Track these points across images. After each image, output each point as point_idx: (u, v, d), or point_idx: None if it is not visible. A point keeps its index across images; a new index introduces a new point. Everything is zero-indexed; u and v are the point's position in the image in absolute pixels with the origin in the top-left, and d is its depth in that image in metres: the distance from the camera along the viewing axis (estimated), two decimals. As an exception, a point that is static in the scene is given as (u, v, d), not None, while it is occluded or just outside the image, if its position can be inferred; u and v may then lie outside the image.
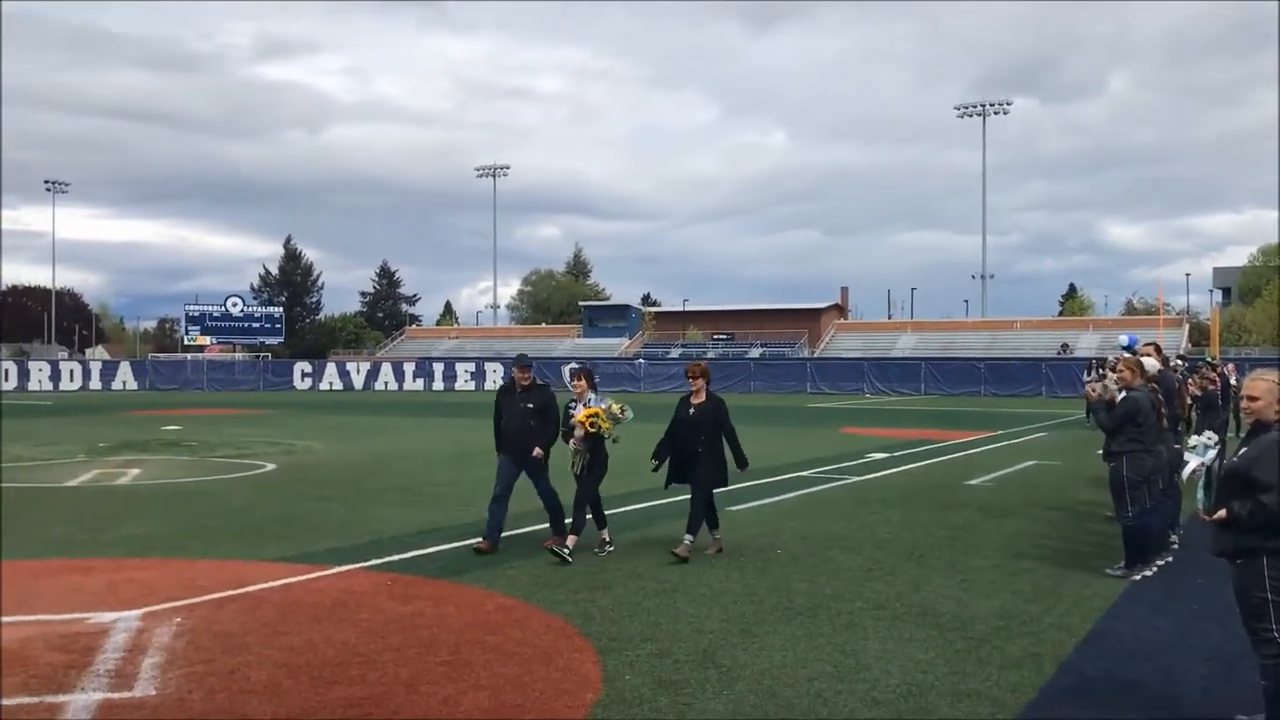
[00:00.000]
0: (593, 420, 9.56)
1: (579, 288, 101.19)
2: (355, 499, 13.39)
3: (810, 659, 6.35)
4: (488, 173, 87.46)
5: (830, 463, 18.11)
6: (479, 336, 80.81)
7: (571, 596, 7.90)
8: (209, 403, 43.42)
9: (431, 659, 6.25)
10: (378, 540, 10.33)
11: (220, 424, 28.62)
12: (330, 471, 16.70)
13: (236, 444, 21.78)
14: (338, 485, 14.84)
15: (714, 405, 9.92)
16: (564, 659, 6.30)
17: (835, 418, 33.02)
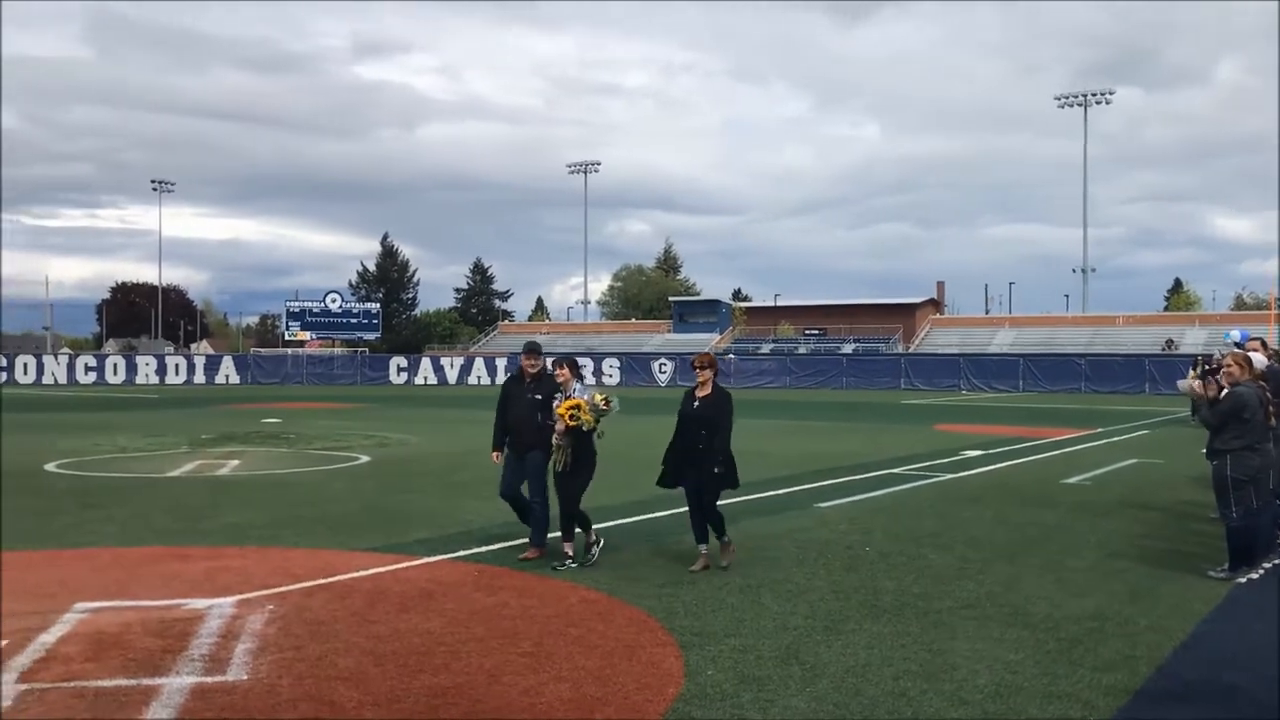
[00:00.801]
0: (573, 412, 8.79)
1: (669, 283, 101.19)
2: (445, 491, 13.57)
3: (896, 657, 6.24)
4: (579, 169, 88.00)
5: (923, 460, 17.81)
6: (570, 332, 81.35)
7: (655, 591, 7.88)
8: (308, 396, 44.44)
9: (514, 650, 6.29)
10: (465, 532, 10.45)
11: (318, 417, 29.27)
12: (422, 464, 16.96)
13: (333, 436, 22.25)
14: (428, 477, 15.06)
15: (718, 399, 8.92)
16: (646, 653, 6.29)
17: (929, 415, 32.49)
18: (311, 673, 5.82)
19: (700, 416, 8.79)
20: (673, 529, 10.68)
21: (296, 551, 9.45)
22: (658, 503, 12.39)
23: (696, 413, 8.84)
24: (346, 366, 64.24)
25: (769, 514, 11.76)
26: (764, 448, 20.38)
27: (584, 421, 8.77)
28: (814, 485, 14.30)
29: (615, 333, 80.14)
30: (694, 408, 8.89)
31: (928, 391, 50.94)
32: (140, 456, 17.98)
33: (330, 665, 5.95)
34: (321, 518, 11.36)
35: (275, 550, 9.53)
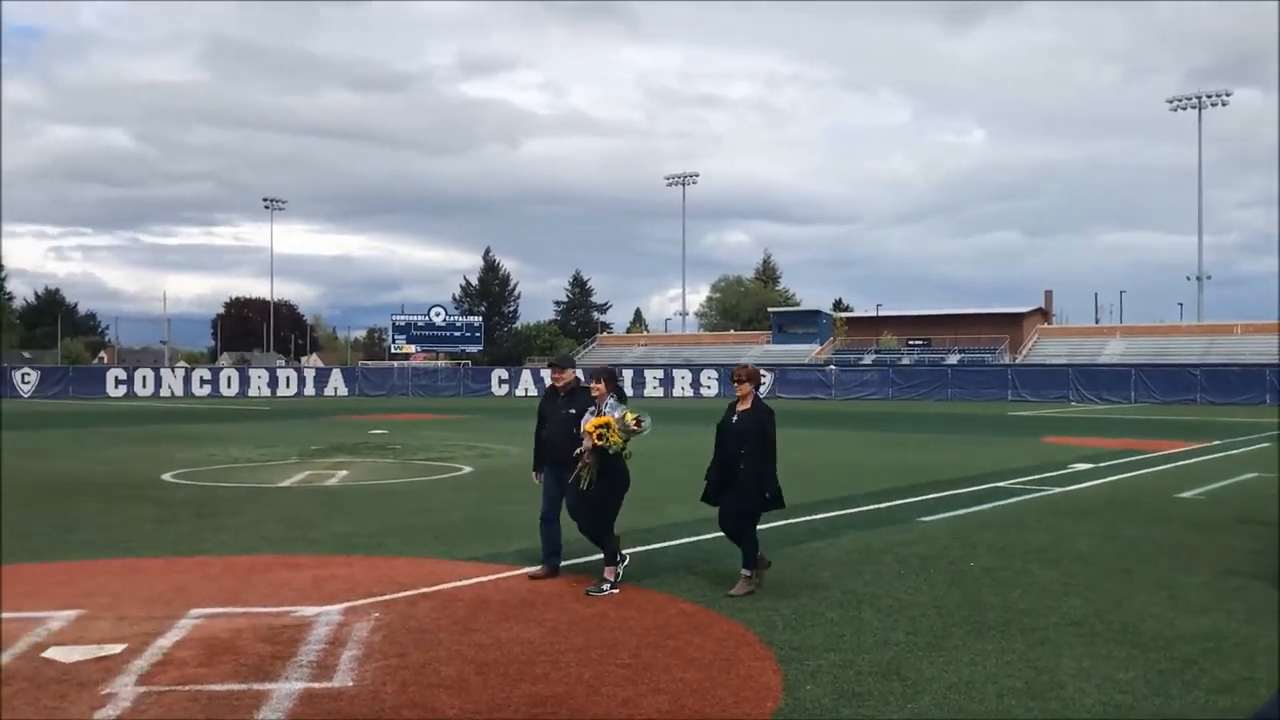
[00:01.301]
0: (601, 431, 8.24)
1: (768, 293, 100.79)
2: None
3: (1000, 675, 6.12)
4: (677, 181, 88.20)
5: (1030, 473, 17.41)
6: (668, 343, 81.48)
7: (753, 604, 7.85)
8: (413, 408, 45.31)
9: (613, 661, 6.33)
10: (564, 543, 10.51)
11: (422, 428, 29.82)
12: (522, 475, 17.03)
13: (437, 447, 22.66)
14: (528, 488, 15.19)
15: (759, 414, 8.47)
16: (745, 666, 6.27)
17: (1037, 426, 31.75)
18: (415, 680, 5.93)
19: (740, 432, 8.41)
20: (769, 542, 10.62)
21: (401, 560, 9.64)
22: (757, 515, 12.34)
23: (736, 428, 8.46)
24: (450, 379, 65.37)
25: (869, 528, 11.62)
26: (865, 460, 20.15)
27: (611, 444, 8.22)
28: (916, 499, 14.08)
29: (713, 344, 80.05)
30: (733, 422, 8.52)
31: (1035, 403, 49.78)
32: (252, 467, 18.53)
33: (433, 673, 6.06)
34: (426, 527, 11.57)
35: (381, 559, 9.73)
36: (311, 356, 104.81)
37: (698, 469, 9.36)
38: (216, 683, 5.88)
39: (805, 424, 33.29)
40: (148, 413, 40.43)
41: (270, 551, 10.14)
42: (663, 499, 13.71)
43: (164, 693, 5.71)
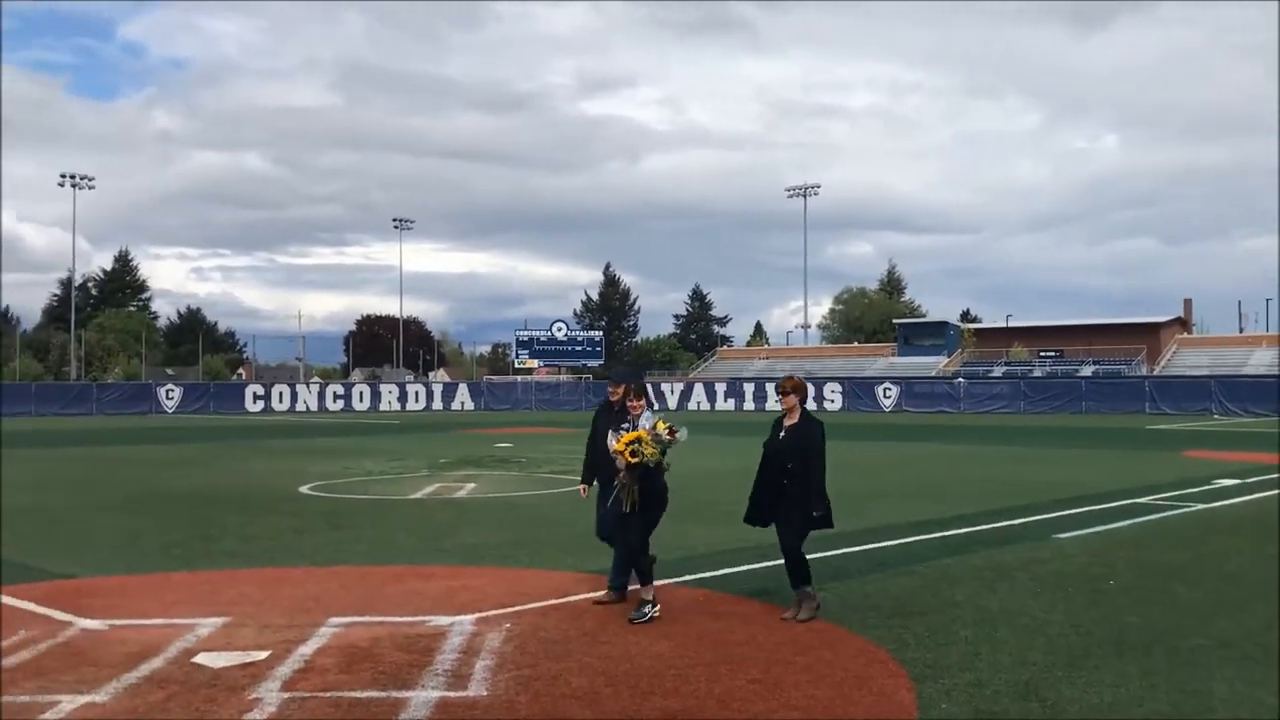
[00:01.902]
0: (633, 448, 7.78)
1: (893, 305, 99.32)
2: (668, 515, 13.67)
3: (1145, 697, 5.89)
4: (798, 192, 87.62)
5: (1171, 489, 16.74)
6: (789, 356, 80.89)
7: (884, 621, 7.72)
8: (536, 421, 45.92)
9: (742, 676, 6.30)
10: (690, 556, 10.54)
11: (546, 441, 30.21)
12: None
13: (561, 461, 22.89)
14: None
15: (806, 429, 8.03)
16: (877, 684, 6.18)
17: (1177, 440, 30.52)
18: (548, 690, 6.00)
19: (786, 449, 7.94)
20: (901, 558, 10.47)
21: (530, 572, 9.77)
22: (885, 531, 12.17)
23: (782, 444, 8.00)
24: (571, 393, 66.08)
25: (1002, 544, 11.33)
26: (995, 475, 19.67)
27: (647, 457, 7.79)
28: (1050, 515, 13.67)
29: (836, 357, 79.14)
30: (779, 439, 8.06)
31: (1175, 416, 47.86)
32: (385, 479, 19.02)
33: (565, 684, 6.13)
34: (552, 540, 11.71)
35: (510, 570, 9.88)
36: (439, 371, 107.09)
37: (825, 483, 9.27)
38: (357, 690, 6.05)
39: (933, 438, 32.66)
40: (284, 427, 41.85)
41: (403, 562, 10.38)
42: (788, 513, 13.58)
43: (307, 698, 5.89)
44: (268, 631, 7.40)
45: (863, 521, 12.93)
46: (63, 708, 5.73)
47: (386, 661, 6.63)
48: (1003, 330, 77.98)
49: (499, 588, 8.98)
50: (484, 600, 8.42)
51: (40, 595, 8.62)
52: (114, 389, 60.53)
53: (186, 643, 7.09)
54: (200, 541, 11.68)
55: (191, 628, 7.50)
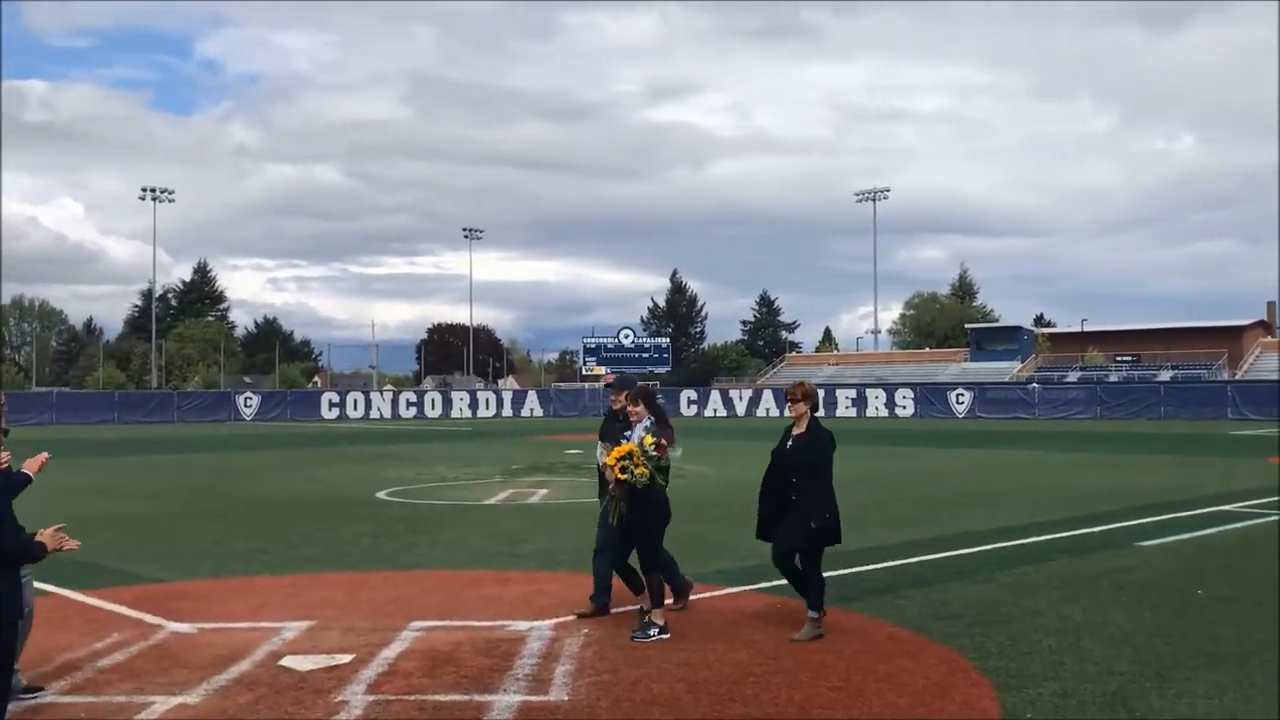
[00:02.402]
0: (624, 464, 7.31)
1: (965, 309, 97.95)
2: (742, 522, 13.61)
3: (1240, 709, 5.75)
4: (867, 197, 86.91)
5: (1258, 496, 16.30)
6: (859, 362, 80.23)
7: (966, 630, 7.63)
8: (605, 429, 45.97)
9: (822, 684, 6.26)
10: (764, 564, 10.41)
11: (616, 449, 30.24)
12: (717, 495, 17.18)
13: (631, 468, 22.93)
14: (724, 508, 15.23)
15: (815, 438, 7.60)
16: (960, 693, 6.10)
17: (1264, 447, 29.70)
18: (628, 696, 6.02)
19: (793, 459, 7.54)
20: (980, 565, 10.33)
21: (605, 579, 9.79)
22: (963, 538, 12.02)
23: (789, 453, 7.59)
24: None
25: (1084, 552, 11.12)
26: (1072, 482, 19.32)
27: (637, 477, 7.31)
28: (1132, 523, 13.39)
29: (907, 363, 78.35)
30: (787, 448, 7.64)
31: (1260, 421, 46.57)
32: (459, 485, 19.22)
33: (645, 690, 6.14)
34: (626, 546, 11.71)
35: (585, 576, 9.86)
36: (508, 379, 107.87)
37: (896, 490, 9.21)
38: (440, 693, 6.12)
39: (1007, 444, 32.19)
40: (359, 434, 42.49)
41: (480, 566, 10.48)
42: (864, 520, 13.47)
43: (392, 701, 5.98)
44: (351, 635, 7.52)
45: (940, 529, 12.80)
46: (156, 708, 5.88)
47: (468, 665, 6.71)
48: (1077, 335, 76.59)
49: (576, 593, 9.01)
50: (561, 605, 8.47)
51: (131, 599, 8.85)
52: (194, 397, 61.93)
53: (273, 646, 7.23)
54: (283, 547, 11.90)
55: (277, 631, 7.64)
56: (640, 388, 7.98)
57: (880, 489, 17.53)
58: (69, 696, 6.12)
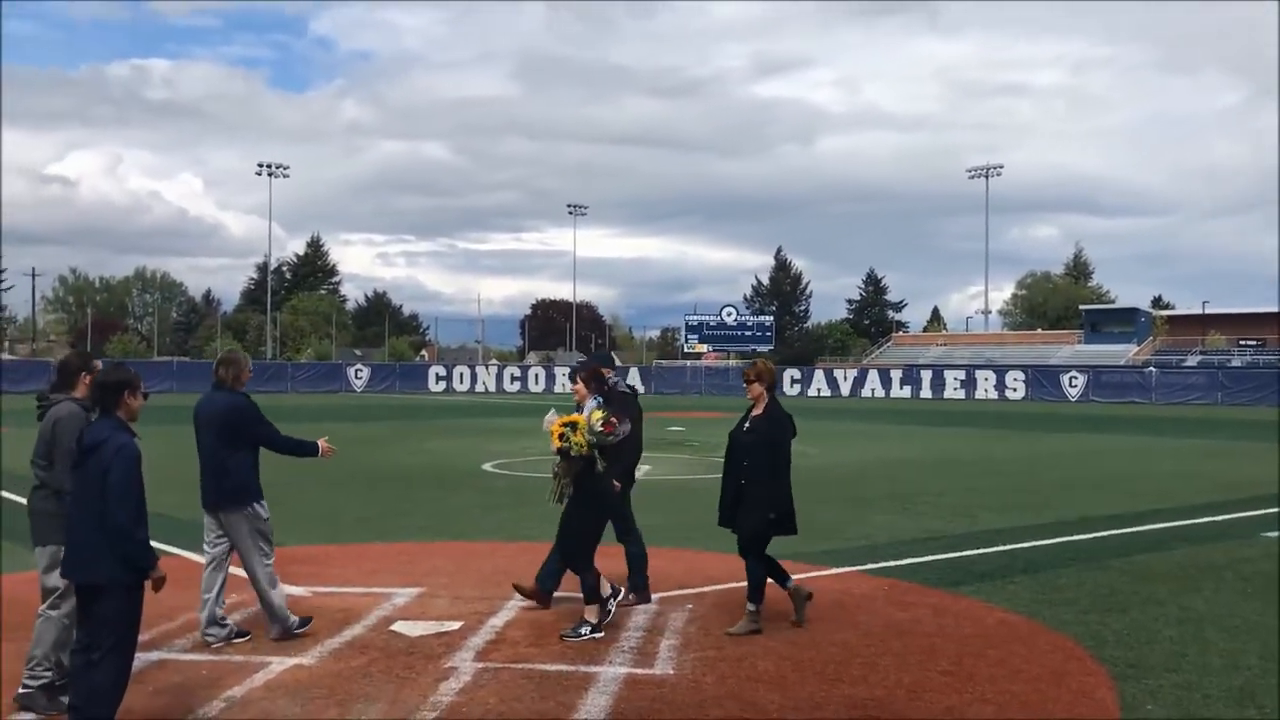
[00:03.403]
0: (563, 432, 6.89)
1: (1079, 290, 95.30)
2: (848, 503, 13.52)
3: (1378, 711, 5.48)
4: (980, 174, 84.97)
5: (1393, 488, 15.53)
6: (969, 343, 78.65)
7: (1080, 617, 7.42)
8: (706, 406, 46.01)
9: (932, 667, 6.15)
10: (872, 545, 10.36)
11: (718, 426, 30.18)
12: (822, 475, 17.00)
13: (734, 446, 22.86)
14: (830, 489, 15.08)
15: (772, 421, 7.15)
16: (1075, 681, 5.94)
17: (1396, 436, 28.28)
18: (733, 673, 6.00)
19: (750, 441, 7.09)
20: (1095, 552, 10.04)
21: (708, 555, 9.77)
22: (1077, 524, 11.71)
23: (746, 437, 7.14)
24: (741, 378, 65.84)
25: (1205, 541, 10.74)
26: (1192, 469, 18.69)
27: (574, 444, 6.84)
28: (1256, 512, 12.88)
29: (1019, 344, 76.58)
30: (744, 430, 7.19)
31: (1393, 410, 44.41)
32: (562, 460, 19.37)
33: (750, 667, 6.11)
34: (730, 524, 11.66)
35: (688, 552, 9.91)
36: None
37: (1006, 474, 8.99)
38: (546, 663, 6.19)
39: (1123, 429, 31.26)
40: (465, 407, 43.18)
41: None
42: (973, 506, 13.24)
43: (500, 669, 6.06)
44: (460, 603, 7.64)
45: (1053, 514, 12.50)
46: (273, 668, 6.06)
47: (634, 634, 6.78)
48: (1198, 317, 73.88)
49: (679, 569, 9.02)
50: (665, 580, 8.46)
51: (249, 561, 9.12)
52: (307, 368, 63.61)
53: (384, 611, 7.38)
54: (393, 515, 12.16)
55: (389, 597, 7.80)
56: (590, 367, 7.53)
57: (990, 473, 17.17)
58: (191, 654, 6.34)
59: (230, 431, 6.78)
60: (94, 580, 4.74)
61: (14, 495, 13.64)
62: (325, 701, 5.48)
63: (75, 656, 4.83)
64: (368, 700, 5.50)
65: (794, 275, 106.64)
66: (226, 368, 7.04)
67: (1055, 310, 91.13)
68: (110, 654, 4.70)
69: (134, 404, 5.06)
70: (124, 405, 4.99)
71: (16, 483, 14.94)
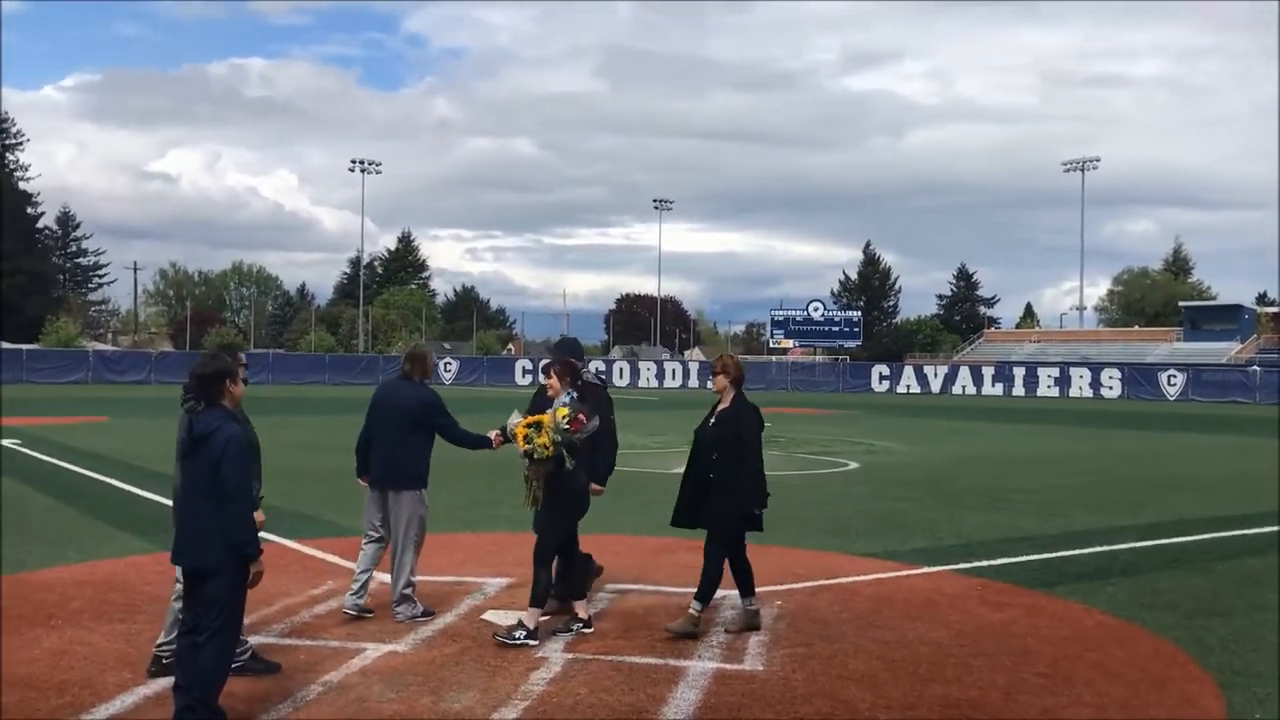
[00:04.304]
0: (528, 433, 6.54)
1: (1178, 286, 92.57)
2: (938, 501, 13.32)
3: None
4: (1075, 166, 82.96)
5: None
6: (1063, 340, 76.94)
7: (1183, 622, 7.21)
8: (792, 402, 45.71)
9: (1028, 669, 6.03)
10: (965, 544, 10.19)
11: (804, 422, 30.01)
12: (912, 472, 16.80)
13: (820, 442, 22.69)
14: (920, 486, 14.88)
15: (739, 413, 6.94)
16: (1178, 688, 5.77)
17: None
18: (824, 670, 5.95)
19: (717, 435, 6.89)
20: (1198, 554, 9.76)
21: (796, 551, 9.72)
22: (1177, 526, 11.38)
23: (713, 431, 6.93)
24: (828, 374, 65.41)
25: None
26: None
27: (537, 447, 6.49)
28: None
29: (1115, 341, 74.70)
30: (709, 425, 7.01)
31: None
32: (647, 453, 19.42)
33: (841, 665, 6.06)
34: (816, 520, 11.60)
35: (775, 548, 9.83)
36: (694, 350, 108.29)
37: (1102, 474, 8.78)
38: (635, 655, 6.20)
39: (1225, 430, 30.31)
40: (550, 400, 43.37)
41: (670, 534, 10.52)
42: (1068, 505, 12.95)
43: (589, 660, 6.09)
44: (548, 594, 7.68)
45: (1151, 514, 12.18)
46: (368, 654, 6.17)
47: (662, 630, 6.76)
48: (1307, 314, 71.22)
49: (766, 565, 8.93)
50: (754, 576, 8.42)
51: (344, 549, 9.29)
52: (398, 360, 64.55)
53: (475, 600, 7.48)
54: (482, 506, 12.30)
55: (479, 586, 7.90)
56: (564, 361, 7.21)
57: (1086, 472, 16.76)
58: (289, 639, 6.48)
59: (415, 420, 7.19)
60: (202, 565, 4.88)
61: (121, 483, 14.13)
62: (419, 688, 5.57)
63: (182, 639, 4.98)
64: (460, 688, 5.58)
65: (883, 270, 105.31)
66: (413, 362, 7.45)
67: (1153, 307, 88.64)
68: (215, 637, 4.84)
69: (236, 391, 5.24)
70: (227, 394, 5.14)
71: (120, 469, 15.47)
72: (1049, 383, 56.96)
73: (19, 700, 5.28)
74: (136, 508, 12.03)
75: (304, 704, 5.32)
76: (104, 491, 13.38)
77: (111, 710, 5.18)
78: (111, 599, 7.45)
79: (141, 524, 10.82)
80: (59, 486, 13.72)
